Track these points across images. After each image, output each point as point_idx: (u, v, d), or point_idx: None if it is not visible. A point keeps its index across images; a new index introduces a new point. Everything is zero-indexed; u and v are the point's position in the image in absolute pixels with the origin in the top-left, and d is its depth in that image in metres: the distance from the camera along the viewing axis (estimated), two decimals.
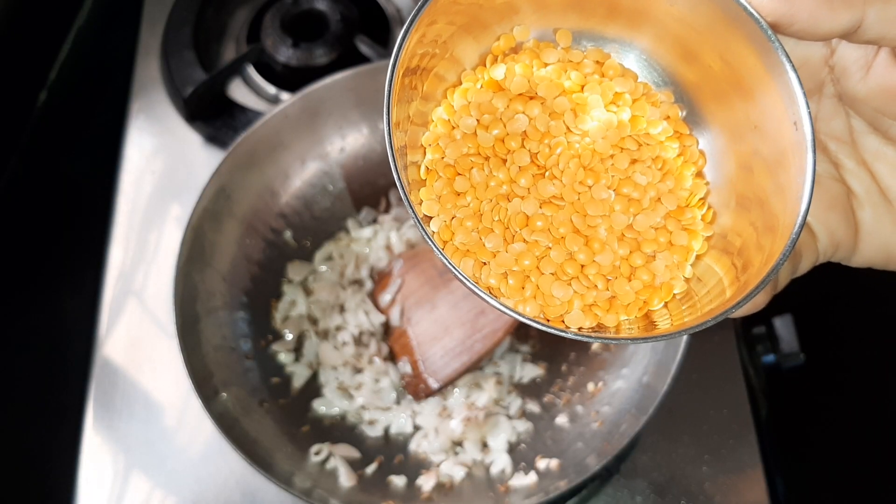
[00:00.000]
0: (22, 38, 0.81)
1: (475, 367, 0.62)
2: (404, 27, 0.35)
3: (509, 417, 0.63)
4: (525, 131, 0.38)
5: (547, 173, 0.38)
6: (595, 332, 0.37)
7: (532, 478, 0.59)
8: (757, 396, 0.67)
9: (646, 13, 0.38)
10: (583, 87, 0.40)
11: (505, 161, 0.38)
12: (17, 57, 0.81)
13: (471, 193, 0.38)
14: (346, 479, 0.60)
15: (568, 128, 0.39)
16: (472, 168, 0.38)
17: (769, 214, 0.36)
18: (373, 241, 0.70)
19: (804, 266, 0.37)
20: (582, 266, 0.38)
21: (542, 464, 0.60)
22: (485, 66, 0.40)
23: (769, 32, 0.34)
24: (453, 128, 0.39)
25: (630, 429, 0.57)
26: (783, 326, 0.69)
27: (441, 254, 0.34)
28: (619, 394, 0.62)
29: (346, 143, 0.71)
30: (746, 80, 0.37)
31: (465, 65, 0.40)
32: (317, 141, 0.69)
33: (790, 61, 0.34)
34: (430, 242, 0.35)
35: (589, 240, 0.38)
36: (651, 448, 0.64)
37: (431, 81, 0.39)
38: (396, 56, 0.35)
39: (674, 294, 0.39)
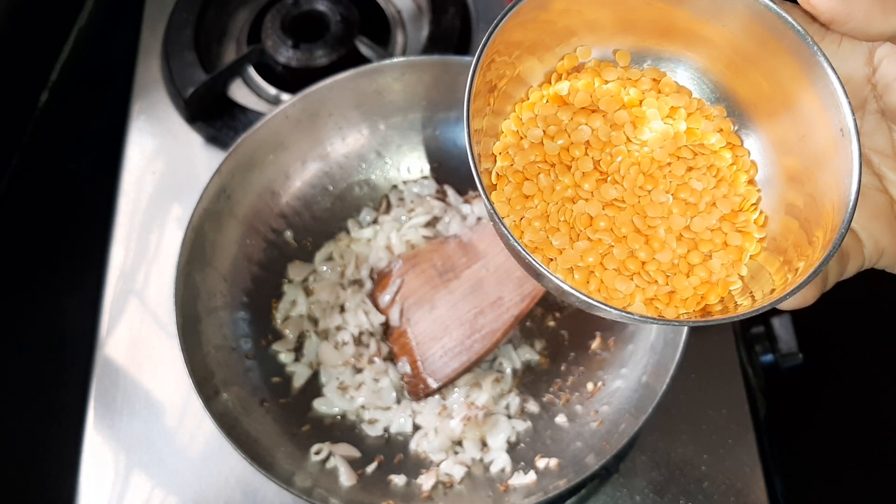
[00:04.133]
0: (23, 39, 0.81)
1: (474, 366, 0.63)
2: (477, 51, 0.38)
3: (509, 417, 0.63)
4: (588, 141, 0.42)
5: (609, 179, 0.41)
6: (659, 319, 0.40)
7: (531, 477, 0.60)
8: (755, 396, 0.67)
9: (699, 34, 0.41)
10: (641, 102, 0.43)
11: (569, 167, 0.42)
12: (18, 57, 0.81)
13: (538, 197, 0.41)
14: (346, 478, 0.60)
15: (628, 138, 0.42)
16: (540, 174, 0.41)
17: (817, 217, 0.38)
18: (373, 241, 0.70)
19: (851, 269, 0.39)
20: (643, 263, 0.41)
21: (541, 463, 0.61)
22: (550, 83, 0.43)
23: (815, 46, 0.36)
24: (521, 138, 0.42)
25: (629, 428, 0.57)
26: (782, 326, 0.69)
27: (519, 246, 0.37)
28: (618, 393, 0.62)
29: (347, 143, 0.71)
30: (793, 94, 0.39)
31: (531, 83, 0.43)
32: (317, 142, 0.70)
33: (834, 70, 0.36)
34: (507, 234, 0.37)
35: (649, 239, 0.41)
36: (650, 447, 0.64)
37: (500, 98, 0.42)
38: (472, 76, 0.38)
39: (730, 290, 0.41)
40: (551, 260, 0.41)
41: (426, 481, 0.61)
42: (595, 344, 0.65)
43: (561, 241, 0.41)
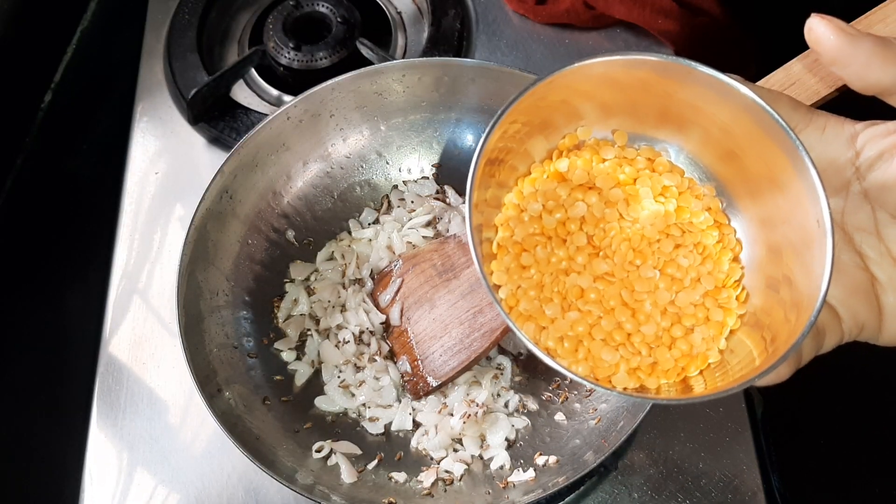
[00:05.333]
0: (27, 41, 0.82)
1: (474, 364, 0.63)
2: (489, 126, 0.40)
3: (508, 414, 0.64)
4: (583, 216, 0.44)
5: (601, 253, 0.44)
6: (637, 392, 0.43)
7: (530, 474, 0.60)
8: (752, 394, 0.68)
9: (692, 120, 0.44)
10: (635, 180, 0.45)
11: (565, 241, 0.44)
12: (22, 59, 0.82)
13: (534, 267, 0.44)
14: (347, 475, 0.61)
15: (621, 215, 0.45)
16: (537, 246, 0.44)
17: (796, 295, 0.40)
18: (374, 241, 0.70)
19: (829, 344, 0.40)
20: (628, 334, 0.44)
21: (540, 460, 0.61)
22: (551, 159, 0.46)
23: (797, 141, 0.38)
24: (522, 211, 0.45)
25: (627, 426, 0.58)
26: None
27: (511, 321, 0.40)
28: None
29: (348, 144, 0.71)
30: (778, 180, 0.41)
31: (535, 158, 0.46)
32: (318, 142, 0.70)
33: (814, 165, 0.38)
34: (498, 308, 0.41)
35: (635, 312, 0.44)
36: (648, 445, 0.65)
37: (506, 171, 0.45)
38: (481, 149, 0.40)
39: (709, 363, 0.44)
40: (544, 328, 0.43)
41: (426, 478, 0.61)
42: None
43: (553, 311, 0.43)
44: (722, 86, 0.40)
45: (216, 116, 0.77)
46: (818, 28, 0.38)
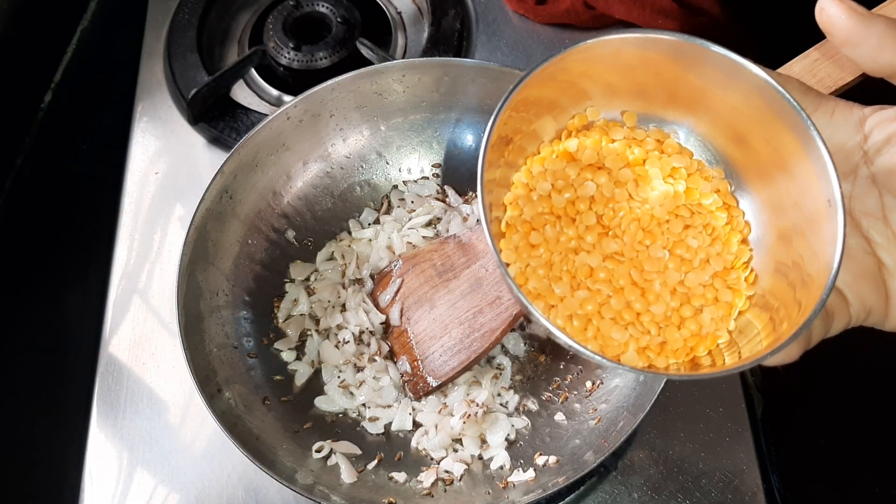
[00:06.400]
0: (27, 40, 0.82)
1: (474, 364, 0.63)
2: (498, 106, 0.40)
3: (508, 414, 0.64)
4: (593, 196, 0.45)
5: (610, 233, 0.45)
6: (647, 370, 0.43)
7: (530, 474, 0.60)
8: (752, 394, 0.68)
9: (702, 101, 0.44)
10: (644, 161, 0.45)
11: (574, 220, 0.45)
12: (22, 59, 0.82)
13: (543, 246, 0.44)
14: (347, 475, 0.61)
15: (630, 195, 0.45)
16: (546, 225, 0.45)
17: (804, 279, 0.40)
18: (374, 241, 0.70)
19: (836, 327, 0.41)
20: (638, 314, 0.44)
21: (540, 460, 0.61)
22: (560, 139, 0.46)
23: (808, 121, 0.38)
24: (531, 190, 0.45)
25: (627, 426, 0.58)
26: None
27: (520, 294, 0.40)
28: (616, 391, 0.62)
29: (348, 144, 0.71)
30: (788, 162, 0.41)
31: (544, 138, 0.46)
32: (318, 142, 0.70)
33: (826, 146, 0.38)
34: (509, 283, 0.40)
35: (645, 291, 0.44)
36: (648, 445, 0.65)
37: (514, 151, 0.45)
38: (491, 129, 0.40)
39: (718, 343, 0.44)
40: (552, 307, 0.43)
41: (426, 478, 0.61)
42: None
43: (562, 290, 0.43)
44: (735, 67, 0.40)
45: (216, 116, 0.77)
46: (830, 8, 0.38)
